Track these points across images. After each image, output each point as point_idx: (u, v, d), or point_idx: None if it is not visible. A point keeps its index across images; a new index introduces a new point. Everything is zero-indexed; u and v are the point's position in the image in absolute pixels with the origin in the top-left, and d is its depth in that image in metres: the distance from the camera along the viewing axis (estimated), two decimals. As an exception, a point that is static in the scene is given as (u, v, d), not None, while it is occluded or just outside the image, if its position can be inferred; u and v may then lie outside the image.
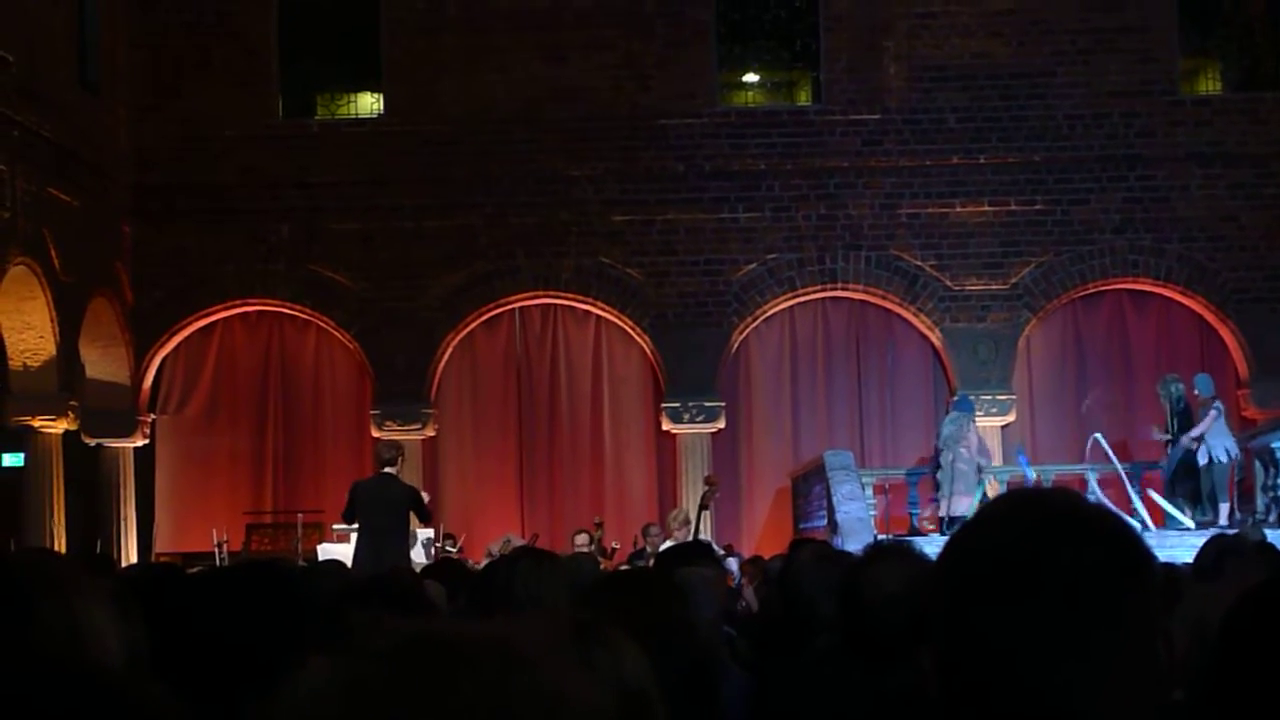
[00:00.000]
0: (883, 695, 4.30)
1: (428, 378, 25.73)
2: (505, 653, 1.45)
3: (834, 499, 21.67)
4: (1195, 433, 22.00)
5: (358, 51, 26.15)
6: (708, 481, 22.21)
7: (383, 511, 17.05)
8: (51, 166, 22.03)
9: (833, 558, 6.82)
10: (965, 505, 21.57)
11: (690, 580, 5.30)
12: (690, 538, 19.81)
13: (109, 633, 2.79)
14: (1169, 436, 22.70)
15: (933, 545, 4.08)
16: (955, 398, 24.01)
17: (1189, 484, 22.19)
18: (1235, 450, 21.92)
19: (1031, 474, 22.45)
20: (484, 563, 16.92)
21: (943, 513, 22.13)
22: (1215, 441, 21.85)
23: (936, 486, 22.71)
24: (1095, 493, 21.86)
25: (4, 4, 20.94)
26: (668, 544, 19.49)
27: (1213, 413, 21.99)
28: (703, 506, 20.79)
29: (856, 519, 21.01)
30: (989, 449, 22.85)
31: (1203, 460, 21.87)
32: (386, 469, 17.43)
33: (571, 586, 5.81)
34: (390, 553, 16.34)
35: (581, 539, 21.74)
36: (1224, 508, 21.54)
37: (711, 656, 5.09)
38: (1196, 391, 22.38)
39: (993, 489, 22.55)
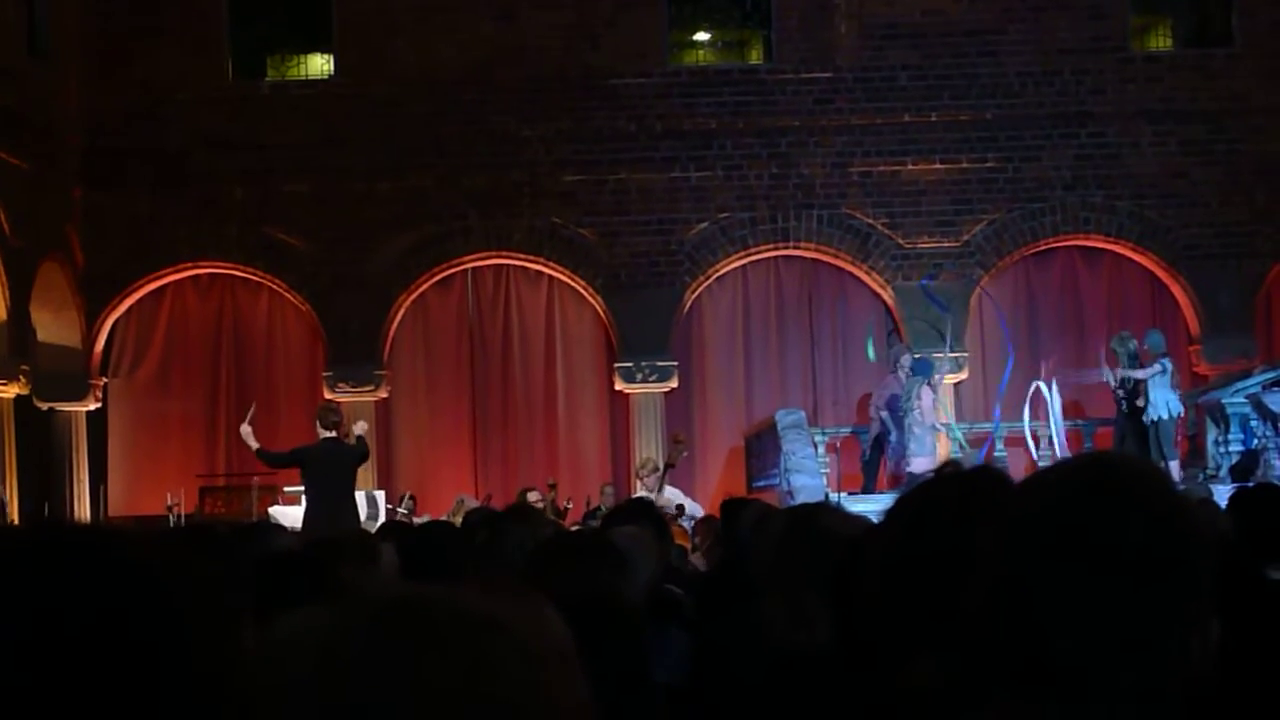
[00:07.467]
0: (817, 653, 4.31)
1: (380, 339, 25.68)
2: (480, 616, 1.47)
3: (786, 458, 21.73)
4: (1137, 374, 22.05)
5: (308, 13, 26.00)
6: (675, 439, 22.25)
7: (337, 476, 17.01)
8: (1, 131, 21.91)
9: (773, 517, 6.83)
10: (921, 465, 21.66)
11: (624, 542, 5.31)
12: (657, 488, 19.91)
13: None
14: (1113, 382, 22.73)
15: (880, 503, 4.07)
16: (917, 357, 23.78)
17: (1138, 441, 22.28)
18: (1178, 407, 22.02)
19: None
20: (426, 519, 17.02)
21: (898, 471, 22.27)
22: (1158, 398, 21.92)
23: (883, 446, 22.90)
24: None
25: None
26: (640, 494, 19.54)
27: (1156, 367, 22.02)
28: (669, 465, 20.84)
29: (809, 477, 21.08)
30: (938, 411, 22.85)
31: (1149, 418, 21.96)
32: (330, 432, 17.34)
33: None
34: (346, 517, 16.41)
35: (533, 496, 21.70)
36: (1173, 464, 21.61)
37: (643, 619, 5.11)
38: (1147, 347, 22.39)
39: (943, 446, 22.73)
